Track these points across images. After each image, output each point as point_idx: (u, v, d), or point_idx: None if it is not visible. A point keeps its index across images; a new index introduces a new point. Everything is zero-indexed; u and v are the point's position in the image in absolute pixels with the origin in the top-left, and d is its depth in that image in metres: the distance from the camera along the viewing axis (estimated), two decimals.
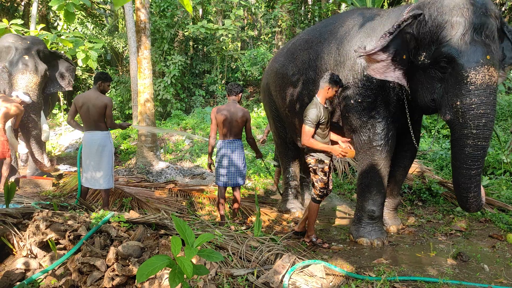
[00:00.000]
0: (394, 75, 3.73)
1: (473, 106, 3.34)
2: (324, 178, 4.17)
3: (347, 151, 4.02)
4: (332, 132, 4.40)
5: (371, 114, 4.13)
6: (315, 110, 4.02)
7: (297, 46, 5.10)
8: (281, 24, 15.68)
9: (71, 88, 7.73)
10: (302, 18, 17.10)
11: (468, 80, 3.33)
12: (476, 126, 3.36)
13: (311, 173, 4.28)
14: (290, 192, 5.72)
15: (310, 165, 4.23)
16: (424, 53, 3.59)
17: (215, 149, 5.01)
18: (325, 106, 4.13)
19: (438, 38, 3.47)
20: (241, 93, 5.00)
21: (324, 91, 4.06)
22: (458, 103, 3.41)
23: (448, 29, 3.40)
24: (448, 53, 3.40)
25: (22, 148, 6.58)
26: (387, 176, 4.30)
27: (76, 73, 16.22)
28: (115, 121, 5.23)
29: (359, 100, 4.13)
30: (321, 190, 4.19)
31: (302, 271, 2.95)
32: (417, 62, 3.66)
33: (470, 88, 3.34)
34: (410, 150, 4.50)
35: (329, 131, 4.31)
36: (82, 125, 5.10)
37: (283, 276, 2.83)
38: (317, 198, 4.22)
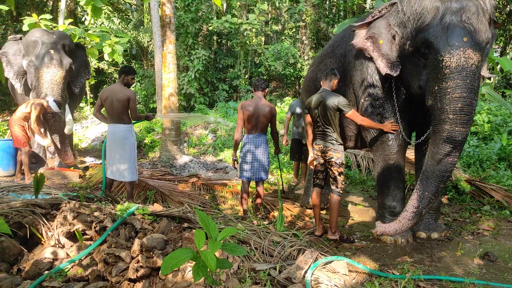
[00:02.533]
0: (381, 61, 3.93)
1: (448, 90, 3.28)
2: (344, 171, 4.36)
3: (397, 127, 4.13)
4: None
5: (379, 111, 4.22)
6: (341, 97, 4.24)
7: (324, 51, 5.28)
8: (305, 18, 15.55)
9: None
10: (327, 13, 16.91)
11: (443, 63, 3.29)
12: (452, 111, 3.28)
13: (332, 168, 4.33)
14: None
15: (334, 159, 4.29)
16: (408, 42, 3.68)
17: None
18: None
19: (417, 25, 3.53)
20: (267, 88, 5.00)
21: (332, 83, 4.38)
22: (436, 87, 3.37)
23: (425, 15, 3.44)
24: (426, 38, 3.42)
25: (42, 139, 6.69)
26: (404, 171, 4.30)
27: (102, 66, 16.51)
28: (140, 114, 5.30)
29: (367, 99, 4.25)
30: (343, 183, 4.34)
31: (324, 267, 2.93)
32: (403, 52, 3.75)
33: (446, 72, 3.29)
34: None
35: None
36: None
37: (306, 272, 2.82)
38: (341, 192, 4.35)
